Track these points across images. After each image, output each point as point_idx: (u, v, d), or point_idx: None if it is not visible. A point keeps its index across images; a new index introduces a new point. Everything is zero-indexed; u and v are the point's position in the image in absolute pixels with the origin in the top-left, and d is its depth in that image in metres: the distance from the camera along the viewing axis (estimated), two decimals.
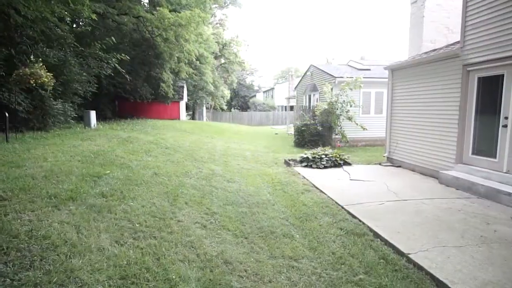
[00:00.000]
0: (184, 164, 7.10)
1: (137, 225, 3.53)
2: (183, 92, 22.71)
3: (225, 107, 36.39)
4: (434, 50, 8.03)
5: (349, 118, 11.85)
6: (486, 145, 5.84)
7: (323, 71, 14.57)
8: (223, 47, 32.52)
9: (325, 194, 5.58)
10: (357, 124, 11.80)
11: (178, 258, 2.98)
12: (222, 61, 35.64)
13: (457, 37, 6.76)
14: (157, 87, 17.86)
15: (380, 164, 8.67)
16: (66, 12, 10.29)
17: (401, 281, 2.92)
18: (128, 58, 12.82)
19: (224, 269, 2.90)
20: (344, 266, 3.16)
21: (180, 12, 15.11)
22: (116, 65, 12.47)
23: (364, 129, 11.86)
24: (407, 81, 8.08)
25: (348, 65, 16.14)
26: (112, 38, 12.09)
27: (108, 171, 5.28)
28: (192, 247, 3.24)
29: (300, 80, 18.79)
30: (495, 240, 3.66)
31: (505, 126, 5.41)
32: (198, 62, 22.71)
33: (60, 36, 10.91)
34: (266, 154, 10.42)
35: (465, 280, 2.84)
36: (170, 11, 14.94)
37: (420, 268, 3.11)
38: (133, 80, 15.65)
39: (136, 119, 16.99)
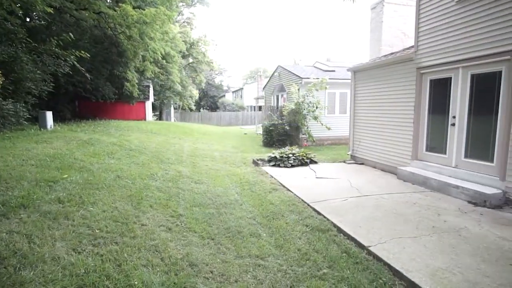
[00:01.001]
0: (150, 166, 6.89)
1: (97, 231, 3.36)
2: (149, 91, 21.99)
3: (193, 107, 35.77)
4: (392, 53, 8.52)
5: (315, 118, 12.21)
6: (437, 142, 6.31)
7: (290, 72, 14.86)
8: (190, 46, 31.94)
9: (292, 193, 5.70)
10: (322, 124, 12.19)
11: (141, 263, 2.89)
12: (190, 60, 35.02)
13: (412, 42, 7.23)
14: (121, 86, 17.11)
15: (344, 162, 9.03)
16: (17, 5, 9.51)
17: (362, 272, 3.06)
18: (89, 55, 12.13)
19: (189, 272, 2.86)
20: (309, 262, 3.25)
21: (144, 9, 14.61)
22: (75, 62, 11.75)
23: (328, 129, 12.28)
24: (368, 83, 8.50)
25: (314, 67, 16.61)
26: (70, 34, 11.38)
27: (66, 175, 4.98)
28: (156, 251, 3.16)
29: (268, 81, 19.00)
30: (445, 229, 3.96)
31: (453, 124, 5.88)
32: (164, 61, 22.11)
33: (10, 31, 10.07)
34: (235, 154, 10.42)
35: (418, 268, 3.04)
36: (134, 7, 14.38)
37: (379, 259, 3.28)
38: (94, 79, 14.84)
39: (99, 120, 16.15)
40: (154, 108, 29.12)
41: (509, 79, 4.82)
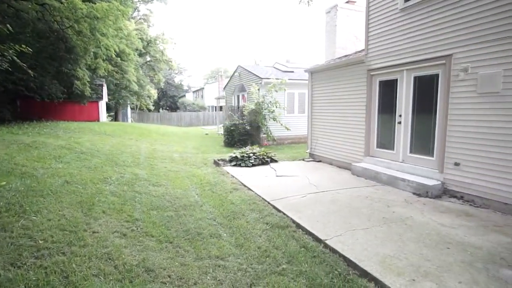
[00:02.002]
0: (103, 170, 6.50)
1: (40, 242, 3.09)
2: (102, 91, 20.72)
3: (152, 108, 34.45)
4: (345, 56, 8.97)
5: (274, 118, 12.44)
6: (387, 139, 6.78)
7: (250, 72, 14.96)
8: (148, 44, 30.68)
9: (253, 192, 5.75)
10: (281, 124, 12.46)
11: (92, 272, 2.71)
12: (148, 59, 33.66)
13: (364, 45, 7.68)
14: (71, 85, 15.90)
15: (303, 160, 9.32)
16: None
17: (319, 265, 3.18)
18: (31, 50, 11.07)
19: (145, 278, 2.75)
20: (269, 259, 3.30)
21: (95, 3, 13.71)
22: (15, 57, 10.66)
23: (288, 129, 12.58)
24: (324, 83, 8.86)
25: (274, 67, 16.91)
26: (8, 26, 10.31)
27: (4, 183, 4.51)
28: (109, 258, 2.99)
29: (229, 81, 18.95)
30: (393, 220, 4.27)
31: (399, 123, 6.36)
32: (119, 59, 20.97)
33: None
34: (196, 155, 10.23)
35: (369, 256, 3.24)
36: (83, 0, 13.43)
37: (334, 251, 3.43)
38: (39, 76, 13.60)
39: (45, 121, 14.85)
40: (108, 108, 27.50)
41: (445, 82, 5.34)
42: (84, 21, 13.28)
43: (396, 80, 6.41)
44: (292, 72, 15.25)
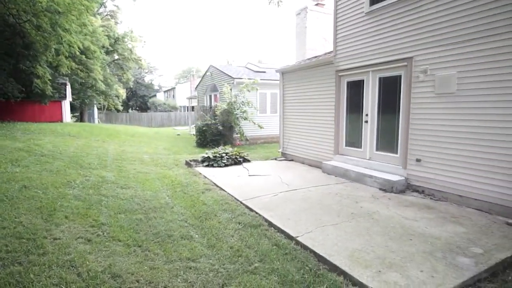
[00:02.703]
0: (66, 173, 6.15)
1: None
2: (65, 90, 19.59)
3: (121, 108, 33.06)
4: (315, 57, 9.18)
5: (246, 118, 12.47)
6: (355, 138, 7.03)
7: (222, 72, 14.87)
8: (115, 41, 29.45)
9: (226, 192, 5.72)
10: (254, 123, 12.52)
11: (52, 282, 2.55)
12: (116, 57, 32.30)
13: (332, 47, 7.90)
14: (30, 83, 14.87)
15: (276, 159, 9.43)
16: None
17: (290, 262, 3.22)
18: None
19: (111, 284, 2.64)
20: (241, 258, 3.29)
21: None
22: None
23: (261, 128, 12.67)
24: (295, 83, 9.01)
25: (246, 67, 16.93)
26: None
27: None
28: (72, 266, 2.83)
29: (201, 80, 18.71)
30: (361, 215, 4.43)
31: (366, 122, 6.63)
32: (83, 56, 19.95)
33: None
34: (167, 156, 9.98)
35: (339, 251, 3.34)
36: None
37: (305, 248, 3.50)
38: None
39: (0, 122, 13.79)
40: (73, 108, 26.08)
41: (407, 83, 5.63)
42: (44, 15, 12.48)
43: (363, 80, 6.67)
44: (264, 72, 15.37)
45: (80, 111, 28.04)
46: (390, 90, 6.10)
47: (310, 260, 3.26)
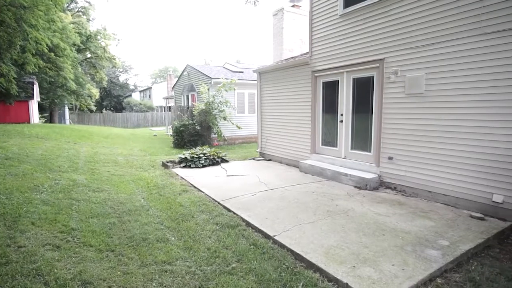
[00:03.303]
0: (34, 177, 5.84)
1: None
2: (33, 89, 18.61)
3: (94, 108, 31.82)
4: (292, 57, 9.30)
5: (225, 118, 12.41)
6: (331, 137, 7.18)
7: (199, 71, 14.70)
8: (87, 39, 28.29)
9: (203, 193, 5.66)
10: (232, 123, 12.49)
11: None
12: (88, 55, 31.04)
13: (308, 48, 8.04)
14: None
15: (254, 159, 9.45)
16: None
17: (267, 261, 3.24)
18: None
19: None
20: (218, 259, 3.26)
21: None
22: None
23: (239, 128, 12.66)
24: (272, 84, 9.07)
25: (224, 67, 16.85)
26: None
27: None
28: (39, 274, 2.69)
29: (178, 80, 18.41)
30: (337, 212, 4.53)
31: (341, 121, 6.80)
32: (52, 54, 19.02)
33: None
34: (142, 158, 9.73)
35: (315, 248, 3.40)
36: None
37: (283, 246, 3.53)
38: None
39: None
40: (42, 109, 24.82)
41: (379, 83, 5.83)
42: (7, 10, 11.76)
43: (338, 81, 6.83)
44: (242, 72, 15.36)
45: (49, 112, 26.71)
46: (363, 91, 6.29)
47: (287, 258, 3.29)
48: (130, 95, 48.49)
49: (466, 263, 3.18)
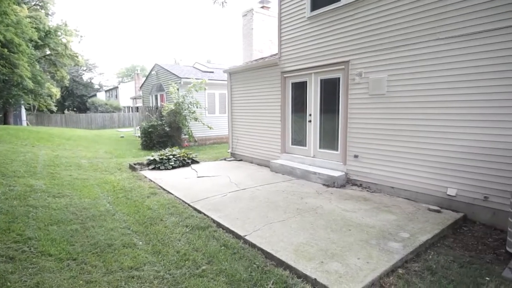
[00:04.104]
0: None
1: None
2: None
3: (55, 109, 29.88)
4: (262, 58, 9.37)
5: (196, 119, 12.24)
6: (300, 136, 7.34)
7: (168, 71, 14.37)
8: (46, 35, 26.49)
9: (173, 195, 5.54)
10: (203, 124, 12.35)
11: None
12: (48, 52, 29.11)
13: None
14: None
15: (225, 159, 9.40)
16: None
17: (238, 261, 3.24)
18: None
19: None
20: (188, 262, 3.21)
21: None
22: None
23: (210, 128, 12.54)
24: (243, 84, 9.09)
25: (194, 67, 16.60)
26: None
27: None
28: None
29: (146, 79, 17.85)
30: (306, 210, 4.64)
31: (310, 121, 6.97)
32: (5, 50, 17.63)
33: None
34: (108, 160, 9.32)
35: (284, 246, 3.45)
36: None
37: (253, 246, 3.55)
38: None
39: None
40: None
41: (344, 85, 6.06)
42: None
43: (306, 82, 6.99)
44: (212, 72, 15.23)
45: (3, 112, 24.73)
46: (330, 91, 6.50)
47: (257, 257, 3.32)
48: (95, 95, 46.20)
49: (424, 253, 3.39)
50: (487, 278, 2.90)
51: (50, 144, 12.43)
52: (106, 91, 49.72)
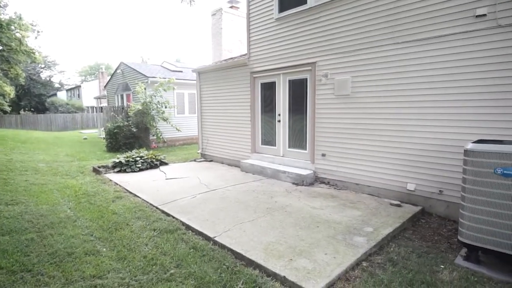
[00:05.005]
0: None
1: None
2: None
3: (8, 109, 27.67)
4: (231, 58, 9.34)
5: (164, 119, 11.93)
6: (270, 136, 7.42)
7: (135, 70, 13.87)
8: None
9: (140, 198, 5.35)
10: (172, 124, 12.06)
11: None
12: None
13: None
14: None
15: (195, 160, 9.26)
16: None
17: (207, 263, 3.20)
18: None
19: None
20: (156, 267, 3.12)
21: None
22: None
23: (178, 130, 12.28)
24: (212, 84, 9.00)
25: (162, 66, 16.17)
26: None
27: None
28: None
29: (111, 78, 17.09)
30: (276, 209, 4.70)
31: (279, 121, 7.07)
32: None
33: None
34: (70, 164, 8.80)
35: (254, 246, 3.47)
36: None
37: (223, 247, 3.52)
38: None
39: None
40: None
41: (312, 85, 6.21)
42: None
43: (275, 82, 7.08)
44: (181, 72, 14.93)
45: None
46: (298, 92, 6.63)
47: (227, 258, 3.30)
48: (55, 94, 43.42)
49: (386, 246, 3.57)
50: (441, 266, 3.12)
51: (2, 147, 11.51)
52: (67, 90, 46.89)
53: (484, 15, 4.00)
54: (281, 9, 6.66)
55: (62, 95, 45.16)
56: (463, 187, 3.12)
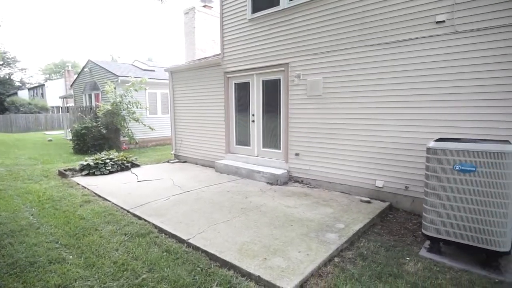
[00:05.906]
0: None
1: None
2: None
3: None
4: (205, 58, 9.24)
5: (136, 120, 11.56)
6: (244, 136, 7.42)
7: (104, 68, 13.33)
8: None
9: (110, 202, 5.15)
10: (144, 125, 11.72)
11: None
12: None
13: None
14: None
15: (168, 161, 9.06)
16: None
17: (181, 266, 3.15)
18: None
19: None
20: (127, 272, 3.02)
21: None
22: None
23: (152, 129, 11.97)
24: (185, 84, 8.86)
25: (133, 65, 15.68)
26: None
27: None
28: None
29: (78, 77, 16.30)
30: (251, 208, 4.71)
31: (253, 121, 7.10)
32: None
33: None
34: (33, 167, 8.29)
35: (229, 246, 3.46)
36: None
37: (197, 249, 3.48)
38: None
39: None
40: None
41: (285, 86, 6.30)
42: None
43: (249, 83, 7.10)
44: (154, 71, 14.55)
45: None
46: (272, 92, 6.69)
47: (201, 260, 3.26)
48: (16, 94, 40.65)
49: (357, 241, 3.70)
50: (407, 258, 3.29)
51: None
52: (29, 89, 44.06)
53: (443, 21, 4.27)
54: (254, 10, 6.69)
55: (23, 94, 42.38)
56: (426, 183, 3.31)
